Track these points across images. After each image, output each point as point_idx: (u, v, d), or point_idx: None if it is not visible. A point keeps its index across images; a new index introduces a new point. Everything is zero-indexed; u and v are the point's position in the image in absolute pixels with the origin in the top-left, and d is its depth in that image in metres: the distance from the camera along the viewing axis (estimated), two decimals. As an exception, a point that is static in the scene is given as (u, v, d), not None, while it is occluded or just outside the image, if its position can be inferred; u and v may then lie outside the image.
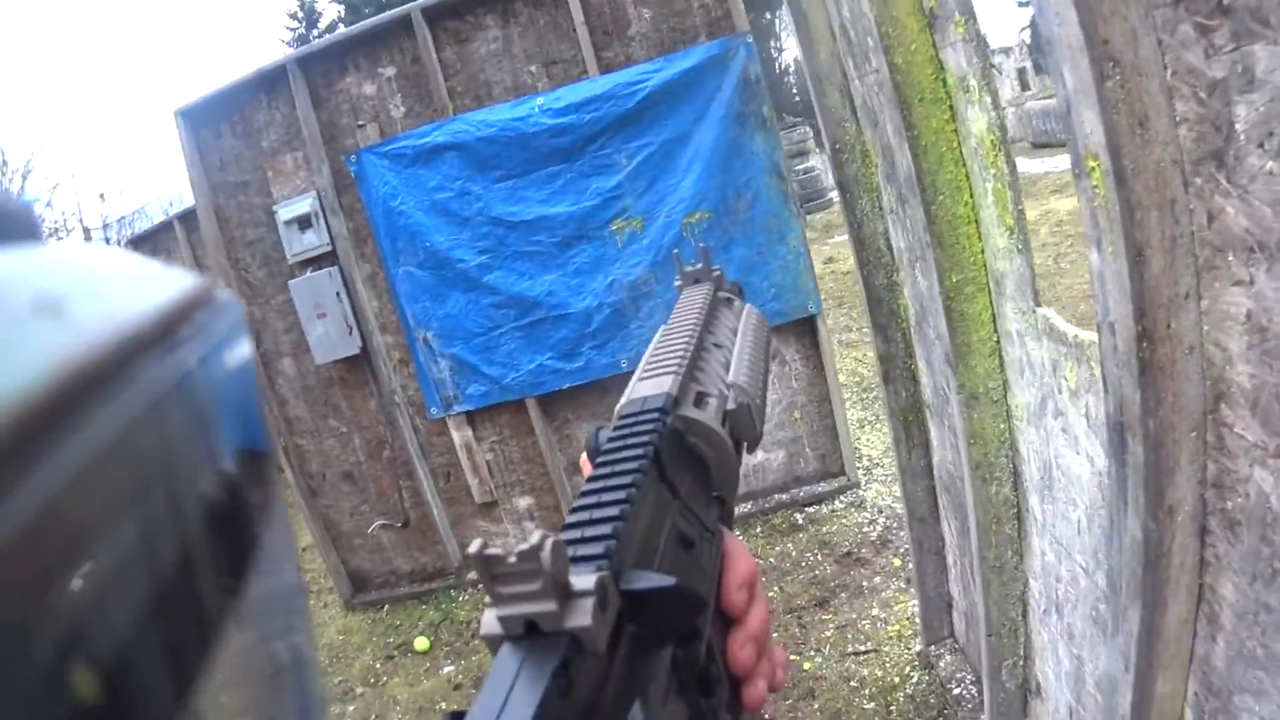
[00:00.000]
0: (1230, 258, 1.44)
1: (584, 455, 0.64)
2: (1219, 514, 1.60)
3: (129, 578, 0.27)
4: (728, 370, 0.72)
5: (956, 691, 3.96)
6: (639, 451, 0.56)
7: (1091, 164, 1.59)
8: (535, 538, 0.40)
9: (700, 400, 0.64)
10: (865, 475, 6.27)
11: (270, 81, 5.87)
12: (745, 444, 0.68)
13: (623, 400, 0.64)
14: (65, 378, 0.26)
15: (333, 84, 5.86)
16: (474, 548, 0.42)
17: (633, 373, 0.70)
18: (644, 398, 0.62)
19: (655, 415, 0.60)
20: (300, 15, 37.43)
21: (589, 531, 0.47)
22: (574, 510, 0.51)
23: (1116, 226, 1.53)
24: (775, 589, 5.27)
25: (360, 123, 5.85)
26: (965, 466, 2.82)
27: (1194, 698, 1.81)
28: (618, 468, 0.54)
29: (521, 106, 5.62)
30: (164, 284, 0.38)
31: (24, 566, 0.23)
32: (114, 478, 0.27)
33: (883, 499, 5.86)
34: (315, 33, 34.96)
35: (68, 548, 0.24)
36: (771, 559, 5.63)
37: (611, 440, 0.59)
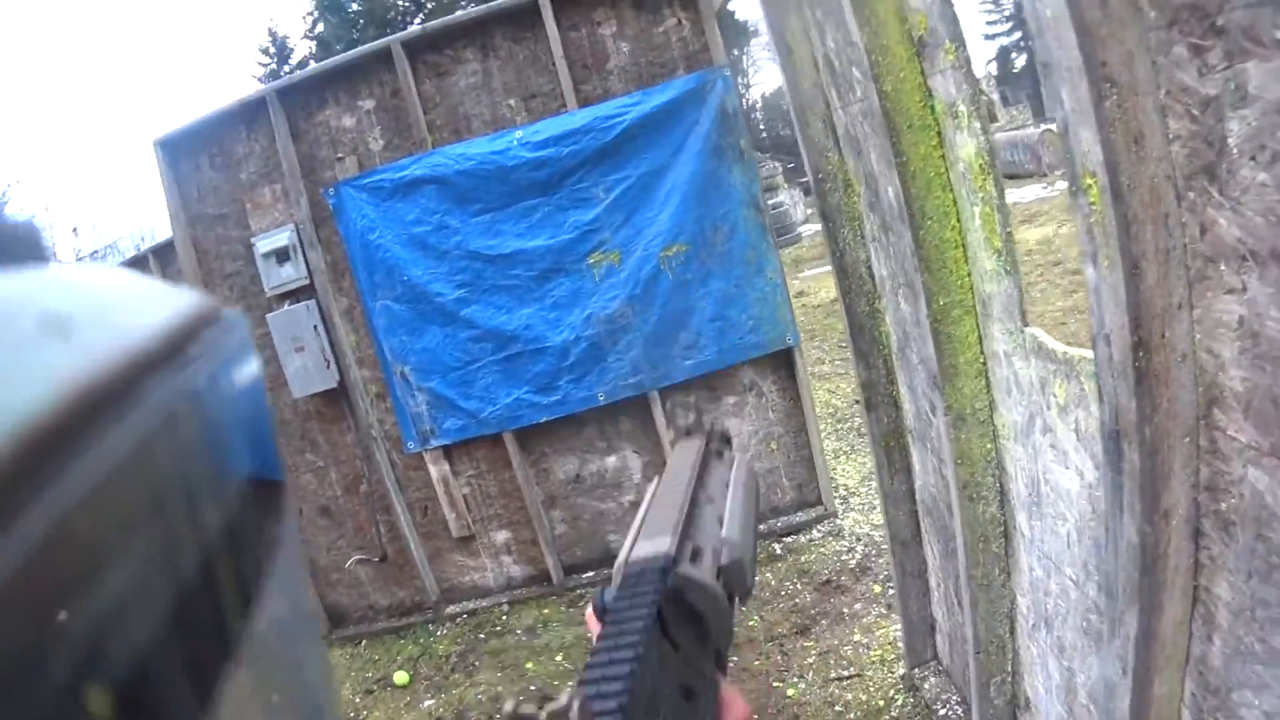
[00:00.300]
0: (1222, 267, 1.51)
1: (589, 611, 0.68)
2: (1212, 516, 1.67)
3: (139, 600, 0.28)
4: (721, 524, 0.76)
5: (942, 713, 3.99)
6: (643, 612, 0.60)
7: (1089, 181, 1.66)
8: (564, 699, 0.46)
9: (696, 556, 0.68)
10: (842, 504, 6.33)
11: (250, 113, 5.90)
12: (738, 596, 0.71)
13: (622, 556, 0.69)
14: (73, 399, 0.26)
15: (312, 116, 5.90)
16: (508, 707, 0.47)
17: (608, 407, 0.73)
18: (645, 558, 0.67)
19: (656, 577, 0.65)
20: (272, 50, 37.74)
21: (604, 688, 0.52)
22: (589, 668, 0.55)
23: (1113, 241, 1.60)
24: (755, 618, 5.29)
25: (339, 155, 5.89)
26: (953, 487, 2.88)
27: (1191, 698, 1.86)
28: (625, 627, 0.59)
29: (500, 140, 5.68)
30: (172, 303, 0.39)
31: (33, 589, 0.22)
32: (124, 499, 0.28)
33: (860, 527, 5.92)
34: (286, 68, 35.14)
35: (78, 569, 0.24)
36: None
37: (618, 600, 0.63)
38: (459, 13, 6.03)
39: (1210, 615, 1.74)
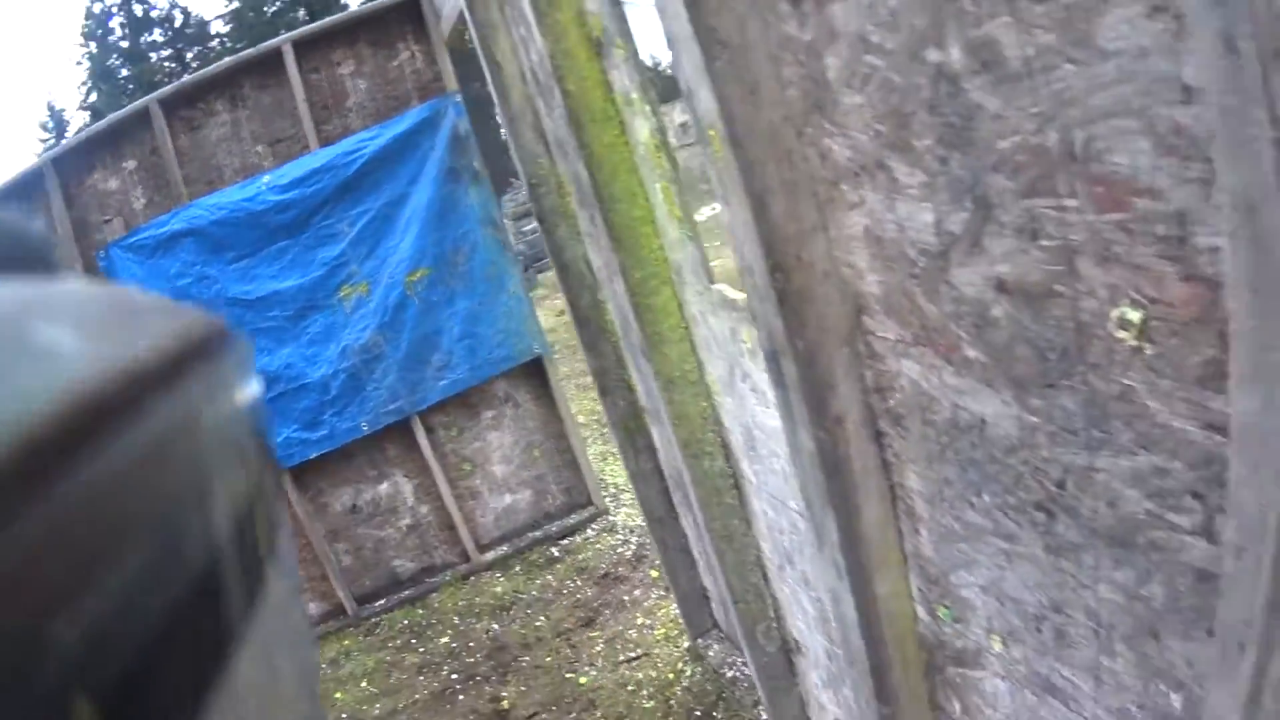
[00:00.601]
0: (844, 187, 1.63)
1: None
2: (886, 414, 1.78)
3: (133, 612, 0.27)
4: None
5: (730, 675, 4.13)
6: None
7: (711, 133, 1.76)
8: None
9: None
10: (613, 502, 6.43)
11: (30, 185, 5.66)
12: None
13: None
14: (74, 410, 0.26)
15: (83, 182, 5.72)
16: None
17: (373, 436, 0.65)
18: None
19: None
20: (50, 124, 36.18)
21: None
22: None
23: (737, 182, 1.70)
24: (541, 618, 5.35)
25: (106, 218, 5.73)
26: (675, 447, 2.97)
27: (919, 593, 1.96)
28: None
29: (250, 186, 5.64)
30: (177, 321, 0.38)
31: (22, 596, 0.22)
32: (121, 509, 0.27)
33: (633, 520, 6.03)
34: (65, 140, 33.68)
35: (69, 578, 0.24)
36: (534, 592, 5.70)
37: None
38: (211, 66, 6.02)
39: (911, 509, 1.85)
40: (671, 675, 4.33)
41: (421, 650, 5.51)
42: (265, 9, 27.13)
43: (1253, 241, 0.79)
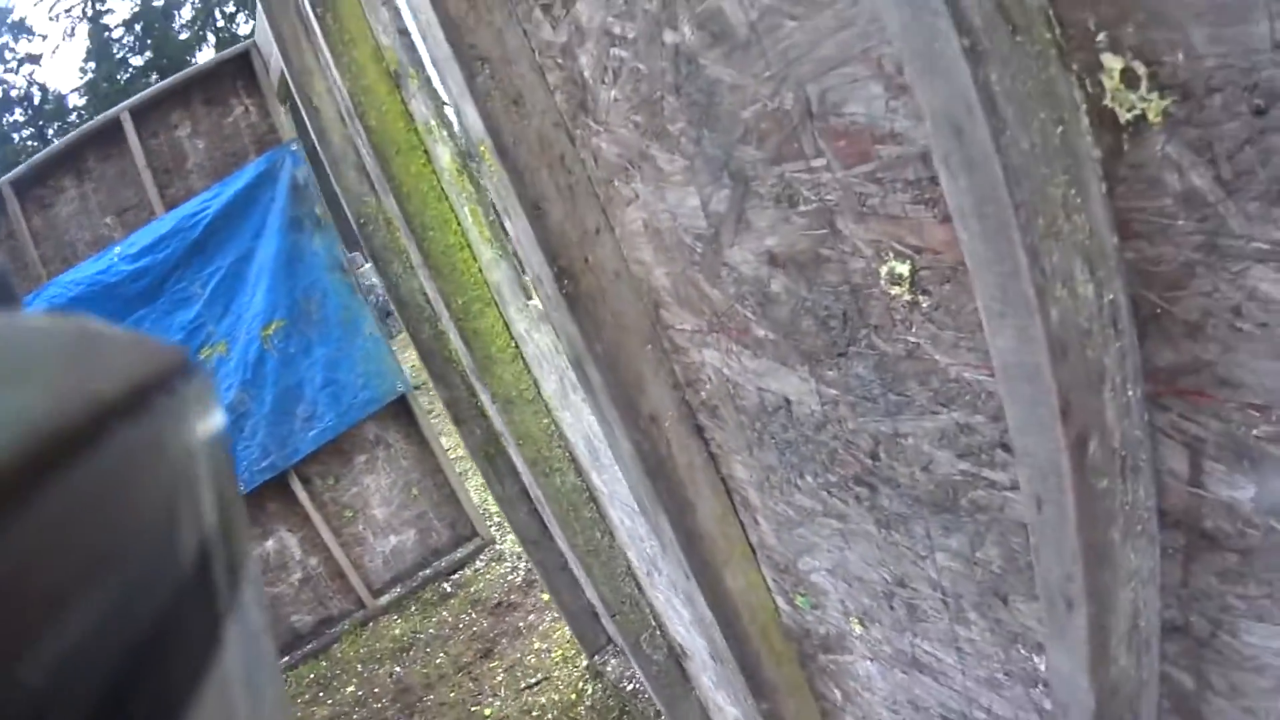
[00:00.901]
0: (617, 184, 1.53)
1: None
2: (702, 408, 1.68)
3: (90, 651, 0.25)
4: None
5: (630, 688, 4.00)
6: None
7: (482, 149, 1.65)
8: None
9: None
10: (498, 530, 6.28)
11: None
12: None
13: None
14: (32, 445, 0.25)
15: None
16: None
17: (251, 494, 0.60)
18: None
19: None
20: None
21: None
22: None
23: (512, 193, 1.59)
24: (441, 655, 5.20)
25: None
26: (523, 468, 2.85)
27: (774, 584, 1.87)
28: None
29: (102, 259, 5.41)
30: (139, 353, 0.37)
31: None
32: (83, 546, 0.26)
33: (519, 546, 5.86)
34: None
35: (24, 618, 0.23)
36: (431, 629, 5.53)
37: None
38: (56, 142, 5.84)
39: (746, 500, 1.76)
40: (574, 696, 4.23)
41: (329, 702, 5.30)
42: (119, 77, 26.20)
43: (966, 164, 0.69)
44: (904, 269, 0.99)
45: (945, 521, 1.21)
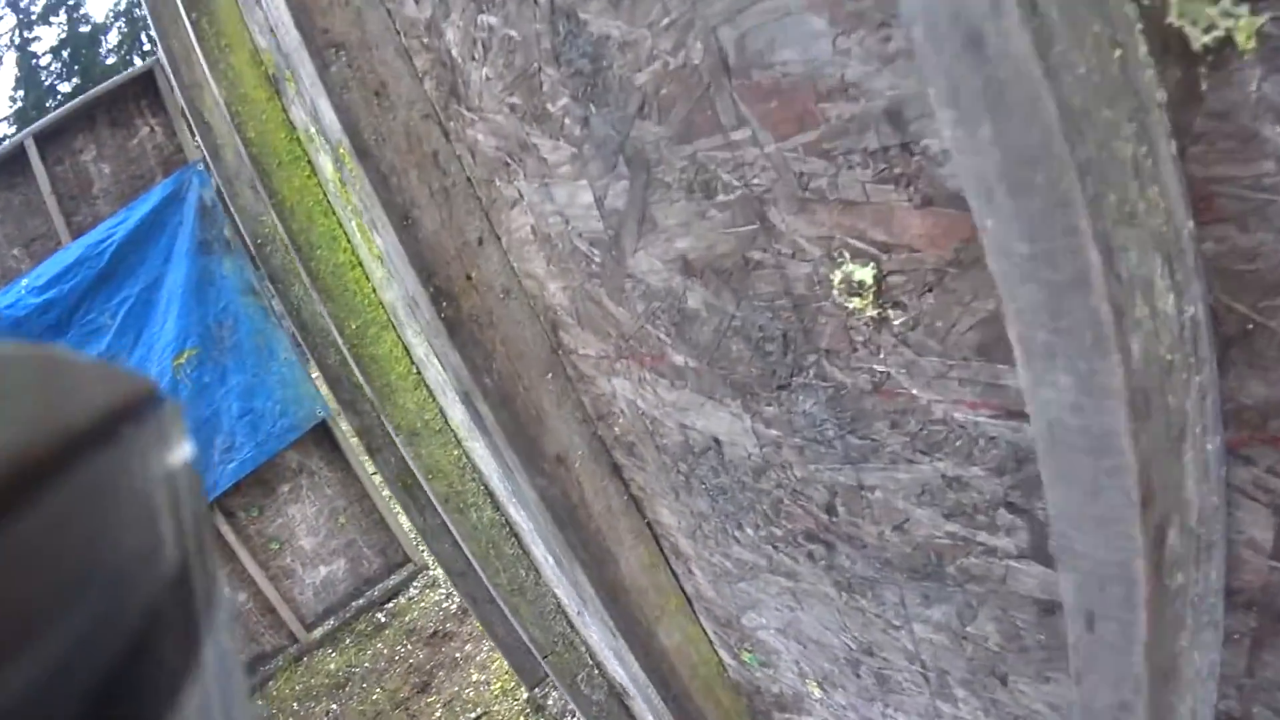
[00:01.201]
0: (497, 182, 1.23)
1: None
2: (619, 445, 1.39)
3: (54, 684, 0.24)
4: None
5: (574, 722, 3.71)
6: None
7: (342, 151, 1.35)
8: None
9: None
10: (432, 555, 5.95)
11: None
12: None
13: None
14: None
15: None
16: None
17: None
18: None
19: None
20: None
21: None
22: None
23: (375, 200, 1.28)
24: (378, 690, 4.88)
25: None
26: (438, 504, 2.53)
27: (716, 637, 1.61)
28: None
29: (10, 293, 4.98)
30: (107, 382, 0.36)
31: None
32: (50, 576, 0.26)
33: (452, 572, 5.58)
34: None
35: (3, 640, 0.22)
36: (367, 663, 5.20)
37: None
38: None
39: (676, 547, 1.48)
40: (515, 731, 3.92)
41: (268, 745, 4.94)
42: (47, 105, 25.46)
43: (991, 96, 0.39)
44: (866, 274, 0.71)
45: (926, 590, 0.96)
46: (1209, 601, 0.63)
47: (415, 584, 5.72)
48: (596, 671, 2.89)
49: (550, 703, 3.90)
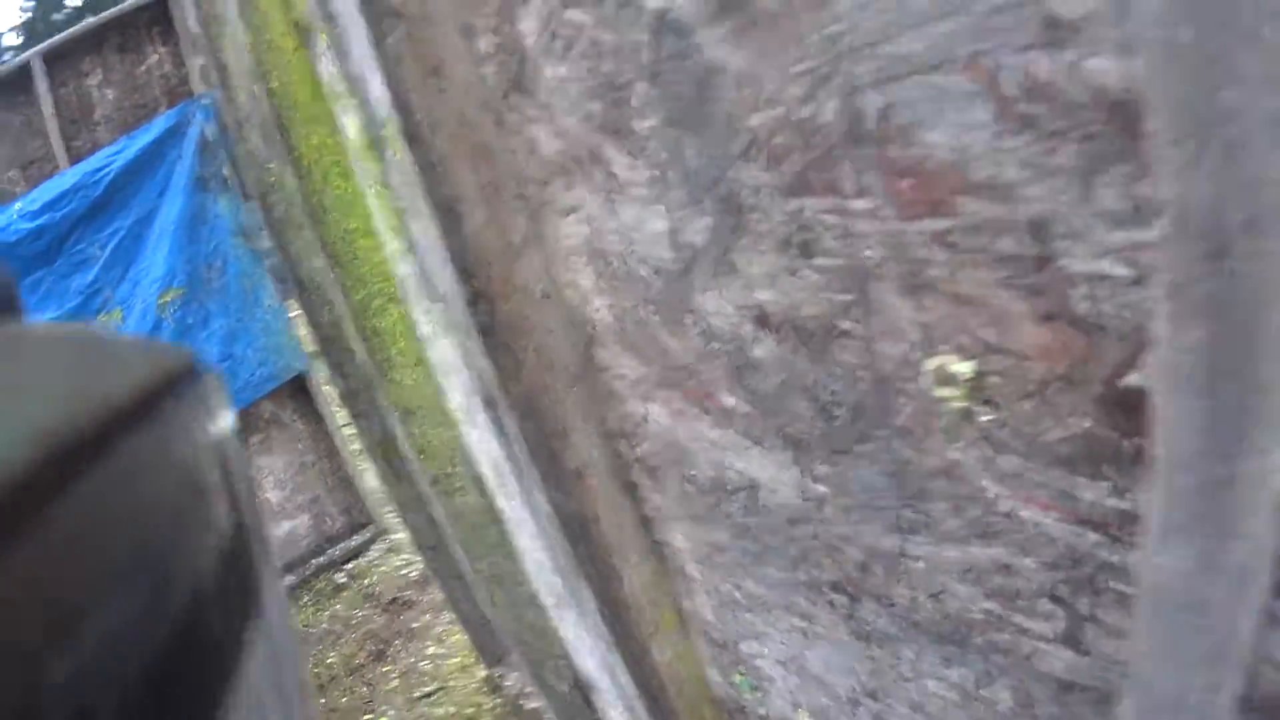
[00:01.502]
0: (555, 187, 1.19)
1: None
2: (639, 465, 1.37)
3: (114, 655, 0.24)
4: None
5: (532, 706, 3.71)
6: None
7: (387, 132, 1.32)
8: None
9: None
10: (397, 518, 5.91)
11: None
12: None
13: None
14: (43, 455, 0.24)
15: None
16: None
17: None
18: None
19: None
20: None
21: None
22: None
23: (418, 188, 1.25)
24: (333, 654, 4.81)
25: None
26: (423, 483, 2.51)
27: (710, 658, 1.59)
28: None
29: (3, 215, 4.84)
30: (147, 358, 0.37)
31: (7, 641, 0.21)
32: (96, 557, 0.25)
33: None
34: None
35: (48, 623, 0.22)
36: (324, 624, 5.15)
37: None
38: None
39: (682, 569, 1.47)
40: (471, 710, 3.94)
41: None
42: (53, 17, 24.97)
43: (1208, 300, 0.37)
44: (964, 369, 0.69)
45: (948, 653, 0.95)
46: None
47: (376, 547, 5.67)
48: (564, 662, 2.87)
49: (509, 684, 3.87)
